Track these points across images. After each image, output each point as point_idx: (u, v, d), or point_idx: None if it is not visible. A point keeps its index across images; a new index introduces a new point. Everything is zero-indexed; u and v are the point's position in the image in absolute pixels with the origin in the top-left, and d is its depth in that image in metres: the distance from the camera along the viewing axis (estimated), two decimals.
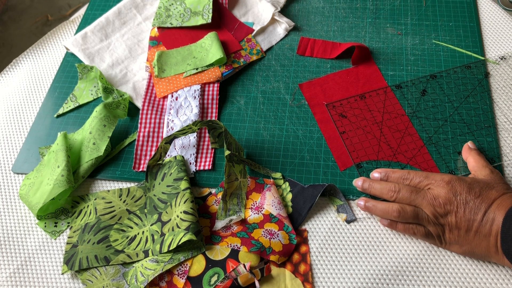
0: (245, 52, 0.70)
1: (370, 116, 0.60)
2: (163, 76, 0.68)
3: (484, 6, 0.72)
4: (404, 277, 0.50)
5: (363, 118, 0.61)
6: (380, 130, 0.59)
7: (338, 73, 0.66)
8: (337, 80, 0.65)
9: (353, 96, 0.63)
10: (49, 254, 0.56)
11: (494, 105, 0.61)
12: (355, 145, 0.59)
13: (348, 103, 0.62)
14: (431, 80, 0.63)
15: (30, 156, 0.64)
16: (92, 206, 0.58)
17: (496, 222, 0.46)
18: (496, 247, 0.46)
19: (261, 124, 0.63)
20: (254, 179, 0.58)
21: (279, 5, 0.74)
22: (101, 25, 0.75)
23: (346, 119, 0.60)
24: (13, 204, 0.60)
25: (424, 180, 0.51)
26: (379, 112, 0.61)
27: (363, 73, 0.66)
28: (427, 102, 0.62)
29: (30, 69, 0.75)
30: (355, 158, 0.58)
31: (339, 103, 0.62)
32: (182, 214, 0.53)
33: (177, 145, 0.62)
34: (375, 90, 0.63)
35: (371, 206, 0.52)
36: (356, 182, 0.55)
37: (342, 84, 0.65)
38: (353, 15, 0.73)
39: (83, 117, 0.67)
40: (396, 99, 0.62)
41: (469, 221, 0.47)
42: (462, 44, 0.67)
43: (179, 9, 0.74)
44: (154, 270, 0.51)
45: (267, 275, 0.51)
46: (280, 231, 0.53)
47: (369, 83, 0.64)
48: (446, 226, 0.48)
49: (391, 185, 0.51)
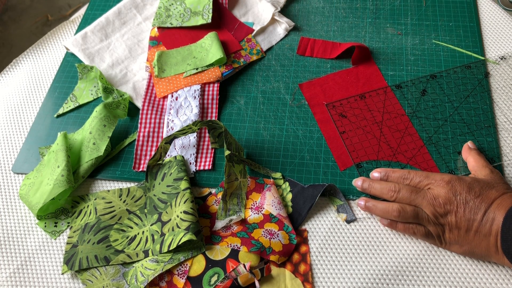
0: (245, 52, 0.70)
1: (370, 116, 0.60)
2: (163, 76, 0.68)
3: (484, 6, 0.72)
4: (404, 277, 0.50)
5: (363, 118, 0.61)
6: (380, 130, 0.59)
7: (338, 73, 0.66)
8: (337, 80, 0.65)
9: (353, 96, 0.63)
10: (49, 254, 0.56)
11: (494, 105, 0.61)
12: (355, 145, 0.59)
13: (348, 103, 0.62)
14: (431, 80, 0.63)
15: (30, 156, 0.64)
16: (92, 206, 0.58)
17: (496, 221, 0.45)
18: (496, 247, 0.46)
19: (261, 124, 0.63)
20: (254, 179, 0.58)
21: (279, 5, 0.74)
22: (101, 25, 0.75)
23: (346, 119, 0.60)
24: (13, 204, 0.60)
25: (424, 180, 0.51)
26: (379, 112, 0.61)
27: (363, 73, 0.66)
28: (427, 102, 0.62)
29: (30, 69, 0.75)
30: (355, 158, 0.58)
31: (339, 103, 0.62)
32: (182, 214, 0.53)
33: (177, 145, 0.62)
34: (375, 90, 0.63)
35: (371, 206, 0.52)
36: (356, 182, 0.55)
37: (342, 84, 0.65)
38: (353, 15, 0.73)
39: (83, 117, 0.67)
40: (396, 99, 0.62)
41: (469, 220, 0.47)
42: (462, 44, 0.67)
43: (179, 9, 0.74)
44: (154, 270, 0.51)
45: (267, 275, 0.51)
46: (280, 231, 0.53)
47: (369, 83, 0.64)
48: (446, 226, 0.48)
49: (391, 185, 0.52)
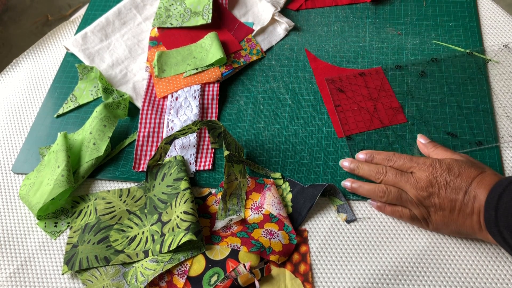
0: (245, 52, 0.70)
1: (367, 92, 0.62)
2: (163, 76, 0.68)
3: (484, 6, 0.72)
4: (404, 277, 0.50)
5: (360, 94, 0.63)
6: (374, 106, 0.61)
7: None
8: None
9: (353, 73, 0.65)
10: (49, 254, 0.56)
11: (491, 91, 0.61)
12: (348, 118, 0.61)
13: (347, 78, 0.64)
14: (432, 63, 0.65)
15: (30, 156, 0.64)
16: (92, 206, 0.58)
17: (478, 200, 0.47)
18: (480, 224, 0.47)
19: (261, 124, 0.63)
20: (254, 179, 0.58)
21: (279, 5, 0.74)
22: (101, 25, 0.75)
23: (343, 94, 0.63)
24: (13, 204, 0.61)
25: (407, 162, 0.52)
26: (376, 89, 0.63)
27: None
28: (424, 84, 0.63)
29: (30, 69, 0.75)
30: (346, 130, 0.60)
31: (338, 77, 0.64)
32: (182, 214, 0.53)
33: (177, 145, 0.62)
34: (375, 68, 0.65)
35: (357, 187, 0.54)
36: (343, 162, 0.57)
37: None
38: (353, 15, 0.73)
39: (83, 117, 0.67)
40: (395, 78, 0.64)
41: (451, 201, 0.48)
42: (462, 44, 0.67)
43: (179, 9, 0.74)
44: (154, 270, 0.51)
45: (267, 275, 0.51)
46: (280, 231, 0.53)
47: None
48: (431, 208, 0.50)
49: (379, 167, 0.53)
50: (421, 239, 0.52)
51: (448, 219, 0.49)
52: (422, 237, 0.52)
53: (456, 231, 0.50)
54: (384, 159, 0.54)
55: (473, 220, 0.47)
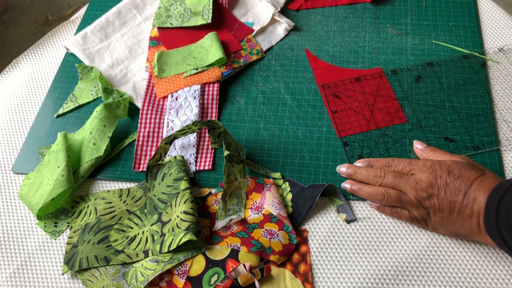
0: (245, 52, 0.70)
1: (363, 98, 0.62)
2: (163, 76, 0.68)
3: (484, 6, 0.72)
4: (404, 277, 0.50)
5: (356, 99, 0.62)
6: (371, 112, 0.61)
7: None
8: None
9: (348, 78, 0.65)
10: (49, 254, 0.56)
11: (492, 94, 0.61)
12: (345, 124, 0.61)
13: (343, 84, 0.64)
14: (427, 67, 0.65)
15: (30, 156, 0.64)
16: (92, 206, 0.58)
17: (477, 202, 0.47)
18: (479, 227, 0.47)
19: (261, 124, 0.63)
20: (254, 179, 0.58)
21: (279, 5, 0.74)
22: (101, 25, 0.75)
23: (339, 100, 0.62)
24: (13, 204, 0.61)
25: (407, 166, 0.52)
26: (372, 94, 0.62)
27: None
28: (420, 88, 0.63)
29: (30, 69, 0.75)
30: (343, 137, 0.60)
31: (334, 83, 0.64)
32: (182, 214, 0.53)
33: (177, 145, 0.62)
34: (370, 73, 0.65)
35: (357, 189, 0.54)
36: (340, 168, 0.57)
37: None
38: (353, 15, 0.73)
39: (83, 117, 0.67)
40: (390, 83, 0.64)
41: (451, 202, 0.48)
42: (462, 44, 0.67)
43: (179, 9, 0.74)
44: (154, 270, 0.51)
45: (267, 275, 0.51)
46: (280, 231, 0.53)
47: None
48: (430, 209, 0.50)
49: (377, 171, 0.53)
50: (421, 239, 0.52)
51: (447, 221, 0.49)
52: (422, 237, 0.52)
53: (454, 232, 0.50)
54: (383, 165, 0.54)
55: (472, 222, 0.47)
